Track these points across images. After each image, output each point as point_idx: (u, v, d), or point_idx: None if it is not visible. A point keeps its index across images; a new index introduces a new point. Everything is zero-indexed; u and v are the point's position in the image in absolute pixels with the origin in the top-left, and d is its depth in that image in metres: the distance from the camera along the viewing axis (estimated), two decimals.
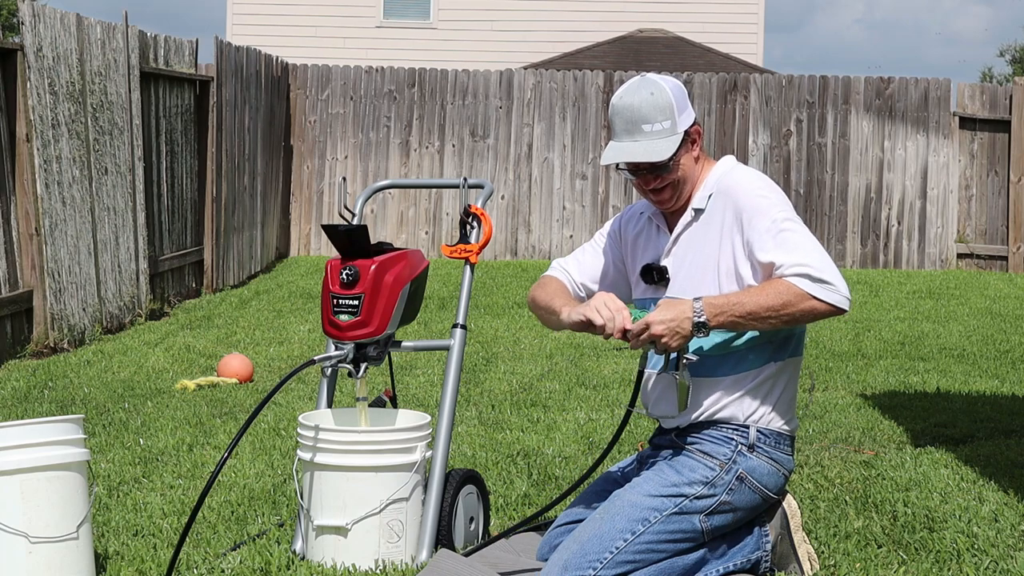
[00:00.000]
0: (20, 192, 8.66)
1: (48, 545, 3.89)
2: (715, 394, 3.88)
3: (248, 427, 3.93)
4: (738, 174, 3.94)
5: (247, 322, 10.36)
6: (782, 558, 4.03)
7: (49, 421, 3.97)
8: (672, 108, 3.87)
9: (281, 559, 4.15)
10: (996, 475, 5.34)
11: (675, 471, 3.85)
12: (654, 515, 3.79)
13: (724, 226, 3.86)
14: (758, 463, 3.88)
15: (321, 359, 4.19)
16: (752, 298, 3.70)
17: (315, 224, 16.41)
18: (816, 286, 3.68)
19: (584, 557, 3.74)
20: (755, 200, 3.83)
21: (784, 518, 4.04)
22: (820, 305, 3.70)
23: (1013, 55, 50.96)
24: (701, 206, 3.92)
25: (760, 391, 3.89)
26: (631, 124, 3.88)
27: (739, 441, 3.87)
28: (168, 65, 11.67)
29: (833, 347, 9.35)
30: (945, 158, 16.19)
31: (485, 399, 7.18)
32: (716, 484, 3.84)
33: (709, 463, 3.85)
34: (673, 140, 3.87)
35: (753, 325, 3.73)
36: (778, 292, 3.69)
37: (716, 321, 3.70)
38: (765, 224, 3.78)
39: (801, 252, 3.72)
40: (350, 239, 4.20)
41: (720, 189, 3.91)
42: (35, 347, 8.73)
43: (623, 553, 3.75)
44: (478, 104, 16.36)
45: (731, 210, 3.86)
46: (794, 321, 3.73)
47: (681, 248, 3.96)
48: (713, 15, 21.90)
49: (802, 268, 3.69)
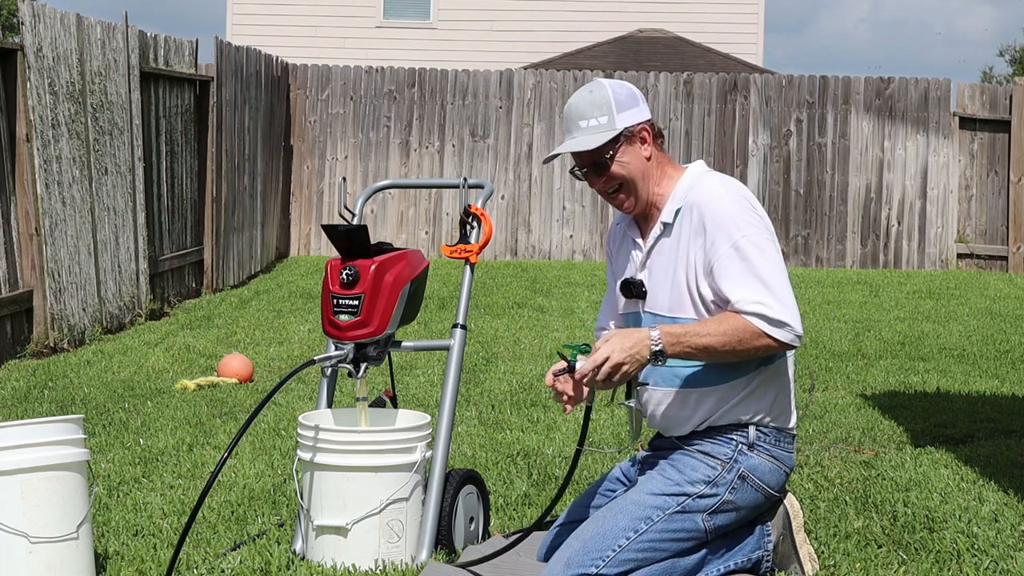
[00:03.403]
0: (20, 192, 8.66)
1: (48, 545, 3.89)
2: (710, 403, 3.88)
3: (248, 427, 3.93)
4: (706, 186, 3.89)
5: (247, 322, 10.36)
6: (783, 558, 4.04)
7: (49, 421, 3.97)
8: (609, 105, 3.89)
9: (281, 559, 4.15)
10: (996, 475, 5.34)
11: (677, 470, 3.87)
12: (657, 513, 3.80)
13: (689, 240, 3.86)
14: (759, 461, 3.89)
15: (321, 359, 4.19)
16: (708, 330, 3.71)
17: (315, 224, 16.41)
18: (772, 328, 3.70)
19: (587, 555, 3.75)
20: (719, 218, 3.80)
21: (786, 518, 4.04)
22: (773, 344, 3.72)
23: (1013, 55, 50.94)
24: (669, 220, 3.91)
25: (755, 394, 3.89)
26: (570, 122, 3.94)
27: (739, 440, 3.88)
28: (168, 65, 11.67)
29: (833, 347, 9.35)
30: (945, 158, 16.19)
31: (485, 399, 7.18)
32: (718, 483, 3.85)
33: (711, 462, 3.86)
34: (606, 135, 3.88)
35: (707, 357, 3.76)
36: (735, 328, 3.70)
37: (673, 351, 3.71)
38: (725, 248, 3.76)
39: (760, 287, 3.72)
40: (350, 239, 4.20)
41: (687, 203, 3.88)
42: (35, 347, 8.73)
43: (625, 551, 3.76)
44: (478, 104, 16.36)
45: (696, 225, 3.83)
46: (746, 356, 3.76)
47: (655, 262, 3.95)
48: (713, 15, 21.89)
49: (759, 308, 3.69)
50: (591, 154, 3.91)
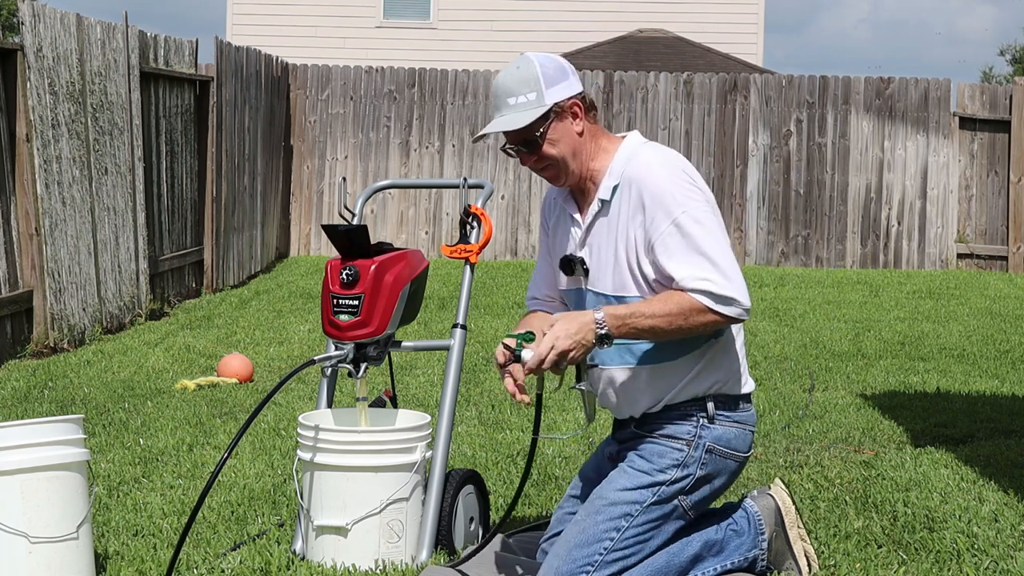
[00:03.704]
0: (20, 192, 8.66)
1: (48, 545, 3.89)
2: (664, 381, 3.82)
3: (248, 427, 3.93)
4: (642, 160, 3.80)
5: (247, 322, 10.36)
6: (778, 555, 4.03)
7: (49, 421, 3.97)
8: (538, 81, 3.78)
9: (281, 559, 4.15)
10: (996, 475, 5.34)
11: (645, 460, 3.82)
12: (635, 508, 3.77)
13: (627, 219, 3.77)
14: (723, 430, 3.85)
15: (321, 359, 4.19)
16: (653, 310, 3.65)
17: (315, 224, 16.41)
18: (718, 304, 3.64)
19: (574, 563, 3.74)
20: (657, 194, 3.72)
21: (778, 514, 4.04)
22: (721, 320, 3.66)
23: (1013, 55, 50.95)
24: (606, 197, 3.83)
25: (709, 367, 3.82)
26: (498, 99, 3.84)
27: (699, 415, 3.83)
28: (168, 65, 11.67)
29: (833, 347, 9.35)
30: (945, 158, 16.19)
31: (485, 399, 7.18)
32: (687, 464, 3.80)
33: (676, 444, 3.81)
34: (535, 112, 3.78)
35: (654, 337, 3.70)
36: (680, 307, 3.64)
37: (619, 332, 3.65)
38: (665, 225, 3.69)
39: (704, 263, 3.65)
40: (350, 239, 4.20)
41: (625, 180, 3.79)
42: (35, 347, 8.73)
43: (612, 552, 3.74)
44: (478, 104, 16.36)
45: (634, 203, 3.76)
46: (693, 333, 3.69)
47: (594, 239, 3.87)
48: (713, 15, 21.90)
49: (705, 284, 3.63)
50: (521, 132, 3.81)
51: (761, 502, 4.07)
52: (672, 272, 3.67)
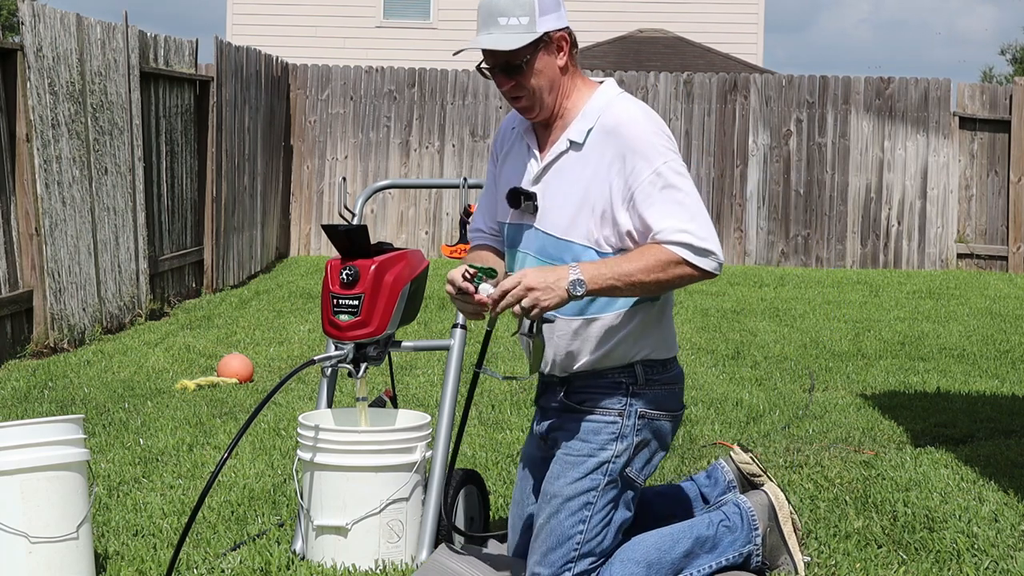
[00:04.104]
0: (20, 192, 8.66)
1: (48, 545, 3.88)
2: (595, 333, 3.76)
3: (248, 427, 3.93)
4: (622, 110, 3.74)
5: (247, 322, 10.36)
6: (773, 550, 4.03)
7: (49, 421, 3.97)
8: (533, 5, 3.70)
9: (281, 559, 4.15)
10: (996, 475, 5.34)
11: (582, 441, 3.79)
12: (592, 496, 3.75)
13: (604, 166, 3.70)
14: (652, 394, 3.81)
15: (321, 359, 4.19)
16: (632, 265, 3.60)
17: (315, 224, 16.41)
18: (696, 257, 3.60)
19: (553, 566, 3.74)
20: (639, 144, 3.67)
21: (771, 509, 4.03)
22: (696, 273, 3.62)
23: (1014, 54, 50.95)
24: (579, 140, 3.74)
25: (646, 330, 3.78)
26: (488, 17, 3.73)
27: (627, 383, 3.79)
28: (168, 65, 11.67)
29: (833, 347, 9.35)
30: (945, 158, 16.19)
31: (485, 399, 7.18)
32: (624, 435, 3.77)
33: (608, 417, 3.78)
34: (526, 37, 3.69)
35: (630, 292, 3.64)
36: (658, 260, 3.59)
37: (594, 285, 3.58)
38: (647, 174, 3.64)
39: (684, 215, 3.62)
40: (350, 239, 4.20)
41: (602, 126, 3.72)
42: (35, 347, 8.73)
43: (585, 544, 3.74)
44: (478, 104, 16.35)
45: (613, 150, 3.69)
46: (670, 287, 3.66)
47: (553, 178, 3.79)
48: (713, 15, 21.89)
49: (685, 236, 3.60)
50: (507, 55, 3.72)
51: (754, 498, 4.06)
52: (652, 222, 3.63)
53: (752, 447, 5.97)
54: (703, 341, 9.54)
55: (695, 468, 5.44)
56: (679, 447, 5.95)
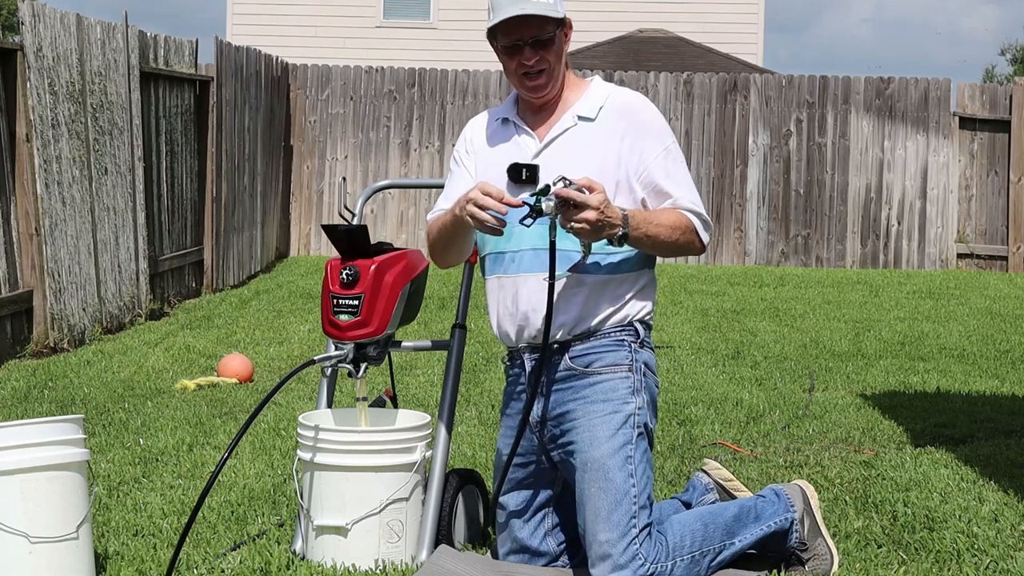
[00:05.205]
0: (20, 192, 8.66)
1: (48, 545, 3.88)
2: (612, 294, 3.90)
3: (248, 427, 3.93)
4: (628, 93, 4.03)
5: (247, 322, 10.36)
6: (810, 532, 4.08)
7: (49, 421, 3.97)
8: None
9: (281, 559, 4.15)
10: (996, 475, 5.34)
11: (604, 401, 3.87)
12: (629, 448, 3.83)
13: (616, 138, 3.90)
14: (648, 354, 3.98)
15: (321, 359, 4.19)
16: (663, 220, 3.82)
17: (315, 224, 16.41)
18: (703, 229, 3.90)
19: (619, 526, 3.74)
20: (651, 123, 3.95)
21: (805, 496, 4.12)
22: (697, 243, 3.90)
23: (1014, 54, 50.96)
24: (591, 115, 3.94)
25: (643, 291, 3.96)
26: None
27: (630, 340, 3.93)
28: (168, 65, 11.68)
29: (833, 347, 9.35)
30: (945, 158, 16.19)
31: (485, 399, 7.18)
32: (638, 389, 3.90)
33: (622, 373, 3.90)
34: (557, 12, 3.86)
35: (652, 247, 3.84)
36: (680, 222, 3.85)
37: (635, 233, 3.76)
38: (660, 150, 3.91)
39: (691, 190, 3.92)
40: (350, 239, 4.20)
41: (614, 103, 3.96)
42: (35, 347, 8.73)
43: (640, 496, 3.80)
44: (478, 104, 16.35)
45: (625, 125, 3.92)
46: (673, 250, 3.88)
47: (557, 152, 3.92)
48: (713, 15, 21.89)
49: (695, 207, 3.89)
50: (540, 26, 3.85)
51: (787, 488, 4.17)
52: (671, 191, 3.88)
53: (752, 447, 5.97)
54: (703, 341, 9.54)
55: (695, 468, 5.44)
56: (679, 447, 5.95)
